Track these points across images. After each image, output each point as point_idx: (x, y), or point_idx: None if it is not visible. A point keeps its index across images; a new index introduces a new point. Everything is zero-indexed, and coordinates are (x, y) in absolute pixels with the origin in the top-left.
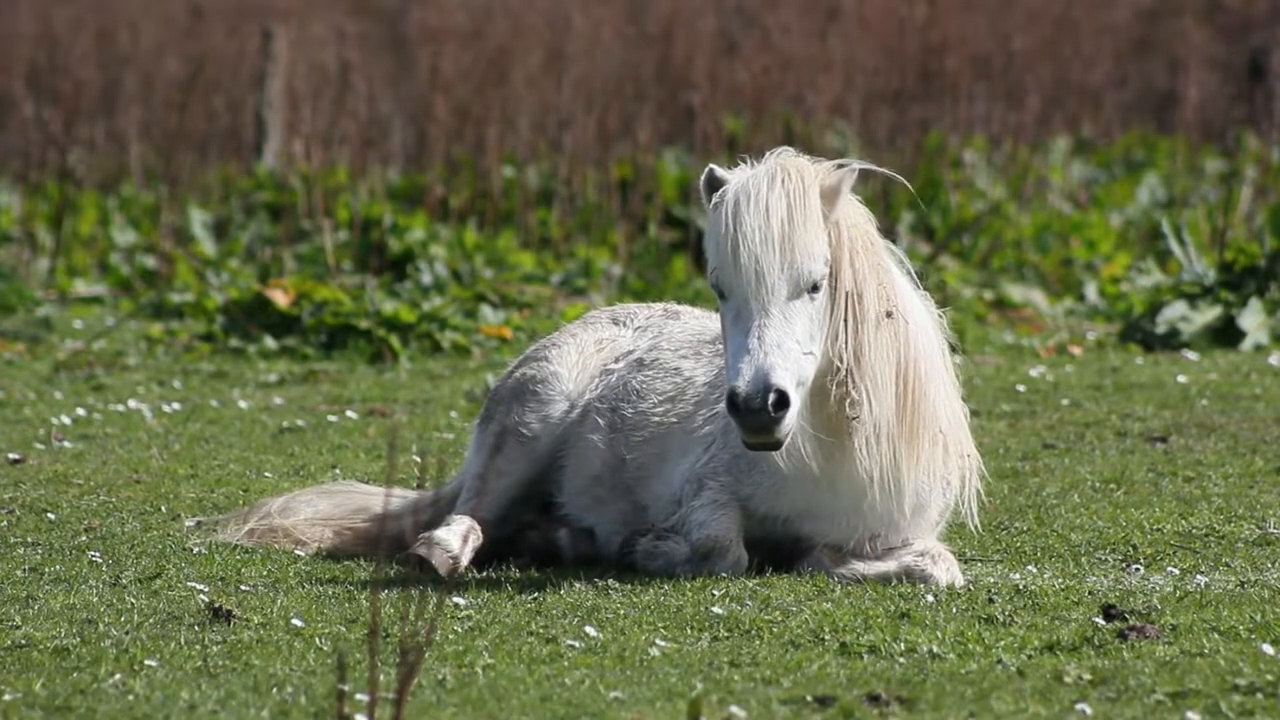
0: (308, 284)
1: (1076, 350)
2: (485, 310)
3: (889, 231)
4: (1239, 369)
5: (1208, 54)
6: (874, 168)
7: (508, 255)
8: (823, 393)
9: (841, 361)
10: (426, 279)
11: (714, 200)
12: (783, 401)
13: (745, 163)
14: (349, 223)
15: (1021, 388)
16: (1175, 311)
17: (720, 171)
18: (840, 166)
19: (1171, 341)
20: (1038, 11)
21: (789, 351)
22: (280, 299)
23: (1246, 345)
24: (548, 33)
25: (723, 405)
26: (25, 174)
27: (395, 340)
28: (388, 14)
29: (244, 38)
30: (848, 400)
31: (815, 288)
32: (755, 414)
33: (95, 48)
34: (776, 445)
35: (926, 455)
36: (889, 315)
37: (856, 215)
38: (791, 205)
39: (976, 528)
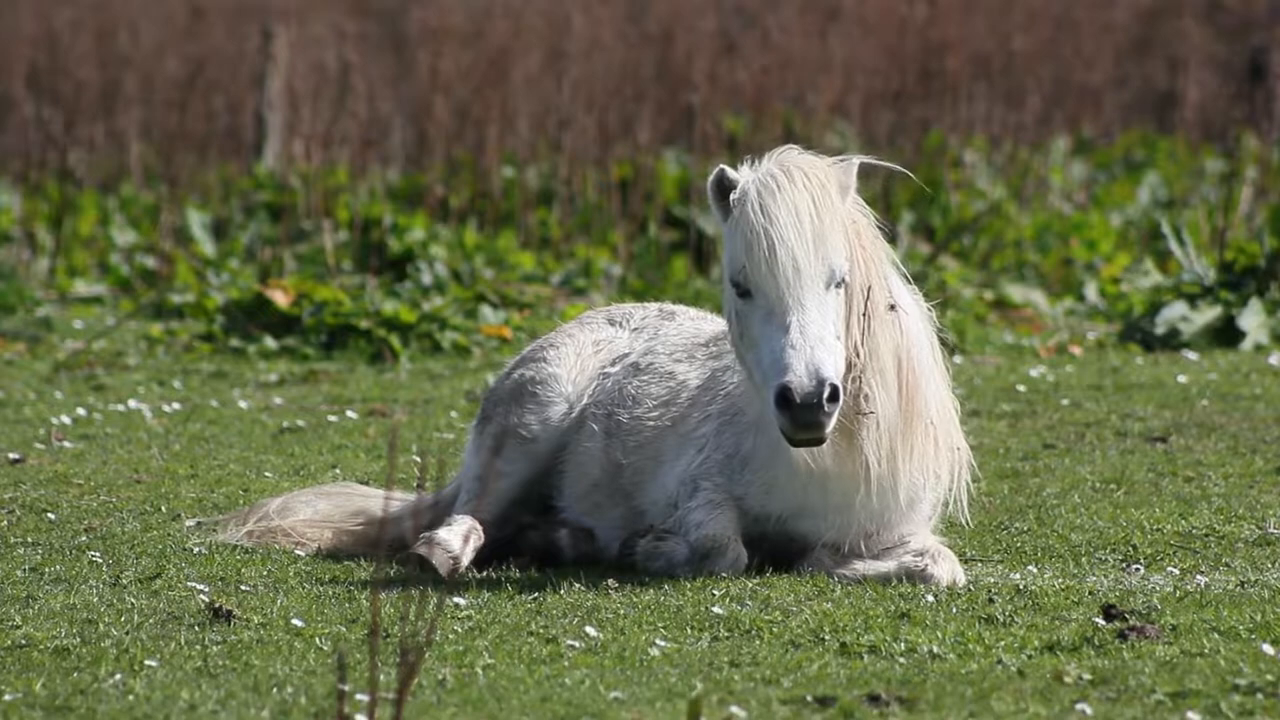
0: (308, 284)
1: (1076, 350)
2: (485, 310)
3: (889, 231)
4: (1239, 369)
5: (1208, 54)
6: (875, 161)
7: (508, 255)
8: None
9: (858, 356)
10: (426, 279)
11: (734, 199)
12: (835, 395)
13: (749, 163)
14: (349, 223)
15: (1021, 388)
16: (1175, 311)
17: (732, 172)
18: (840, 161)
19: (1171, 341)
20: (1038, 11)
21: (831, 345)
22: (280, 299)
23: (1246, 345)
24: (548, 33)
25: (715, 406)
26: (25, 174)
27: (395, 340)
28: (388, 14)
29: (244, 38)
30: (861, 395)
31: (841, 282)
32: (810, 409)
33: (95, 48)
34: (821, 440)
35: (920, 448)
36: (891, 308)
37: (857, 210)
38: (815, 199)
39: (967, 521)
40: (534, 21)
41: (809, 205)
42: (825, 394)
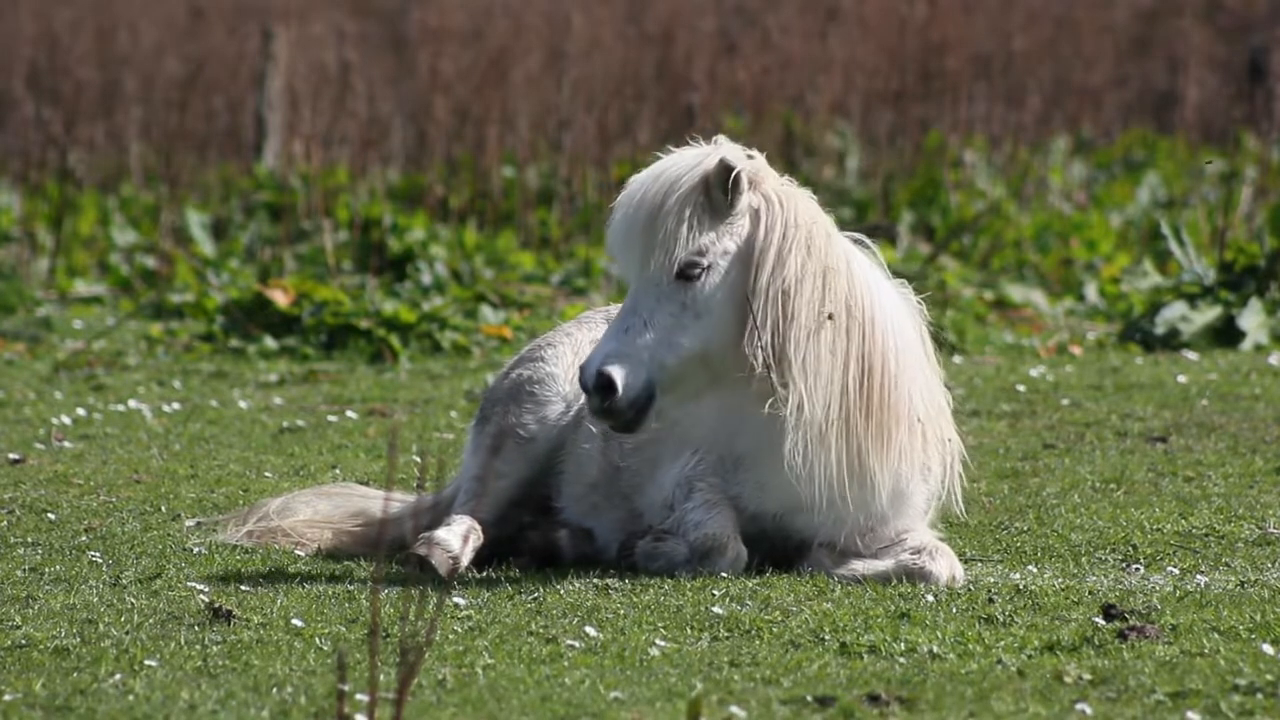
0: (308, 284)
1: (1076, 350)
2: (485, 310)
3: (889, 231)
4: (1239, 369)
5: (1208, 54)
6: (747, 149)
7: (508, 255)
8: (745, 388)
9: (757, 360)
10: (426, 279)
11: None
12: (608, 386)
13: (691, 144)
14: (349, 223)
15: (1021, 388)
16: (1175, 312)
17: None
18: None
19: (1171, 341)
20: (1038, 11)
21: (637, 337)
22: (280, 299)
23: (1246, 345)
24: (548, 33)
25: (710, 407)
26: (25, 174)
27: (395, 340)
28: (388, 14)
29: (244, 38)
30: (770, 399)
31: (685, 276)
32: (588, 396)
33: (95, 48)
34: (626, 430)
35: (903, 445)
36: (830, 318)
37: (803, 215)
38: (668, 192)
39: (963, 512)
40: (534, 21)
41: (654, 199)
42: (594, 383)
